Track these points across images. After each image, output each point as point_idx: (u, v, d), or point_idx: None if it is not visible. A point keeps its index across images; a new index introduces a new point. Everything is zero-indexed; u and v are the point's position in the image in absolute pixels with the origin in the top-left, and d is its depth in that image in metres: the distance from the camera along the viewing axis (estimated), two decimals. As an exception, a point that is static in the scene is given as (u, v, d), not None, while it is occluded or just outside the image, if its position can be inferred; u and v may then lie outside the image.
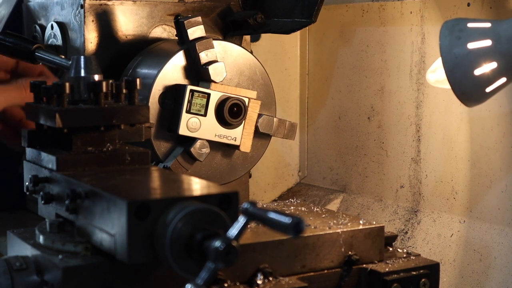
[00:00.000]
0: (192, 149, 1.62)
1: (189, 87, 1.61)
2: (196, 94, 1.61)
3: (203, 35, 1.62)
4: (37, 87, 1.42)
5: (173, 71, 1.63)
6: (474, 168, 1.78)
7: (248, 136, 1.67)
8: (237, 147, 1.67)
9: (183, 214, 1.13)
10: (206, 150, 1.63)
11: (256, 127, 1.68)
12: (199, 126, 1.62)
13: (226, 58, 1.66)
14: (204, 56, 1.61)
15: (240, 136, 1.66)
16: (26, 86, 1.58)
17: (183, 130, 1.62)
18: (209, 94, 1.62)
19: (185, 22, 1.61)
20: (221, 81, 1.63)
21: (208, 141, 1.64)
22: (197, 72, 1.63)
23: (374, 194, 2.03)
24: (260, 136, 1.70)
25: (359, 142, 2.07)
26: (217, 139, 1.65)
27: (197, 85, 1.63)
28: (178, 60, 1.63)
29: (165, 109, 1.63)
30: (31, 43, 1.74)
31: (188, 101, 1.61)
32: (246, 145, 1.67)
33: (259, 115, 1.68)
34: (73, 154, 1.37)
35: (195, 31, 1.61)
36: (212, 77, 1.61)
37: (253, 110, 1.66)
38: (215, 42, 1.63)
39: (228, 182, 1.71)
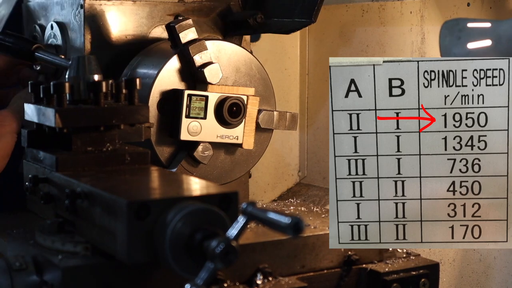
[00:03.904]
0: (195, 153, 1.61)
1: (187, 92, 1.60)
2: (194, 98, 1.60)
3: (196, 37, 1.60)
4: (37, 87, 1.42)
5: (169, 76, 1.61)
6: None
7: (249, 134, 1.66)
8: (239, 145, 1.67)
9: (183, 214, 1.13)
10: (209, 152, 1.63)
11: (257, 123, 1.67)
12: (200, 129, 1.62)
13: (220, 57, 1.65)
14: (198, 59, 1.60)
15: (241, 134, 1.65)
16: None
17: (184, 135, 1.61)
18: (207, 97, 1.61)
19: (176, 26, 1.59)
20: (218, 82, 1.62)
21: (210, 142, 1.63)
22: (193, 75, 1.63)
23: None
24: (262, 130, 1.69)
25: (359, 142, 2.07)
26: (219, 140, 1.64)
27: (194, 88, 1.62)
28: (173, 65, 1.62)
29: (165, 114, 1.62)
30: (31, 43, 1.74)
31: (187, 106, 1.60)
32: (248, 143, 1.66)
33: (259, 111, 1.67)
34: (73, 154, 1.37)
35: (187, 34, 1.60)
36: (208, 79, 1.59)
37: (252, 107, 1.66)
38: (208, 43, 1.62)
39: (233, 180, 1.70)
